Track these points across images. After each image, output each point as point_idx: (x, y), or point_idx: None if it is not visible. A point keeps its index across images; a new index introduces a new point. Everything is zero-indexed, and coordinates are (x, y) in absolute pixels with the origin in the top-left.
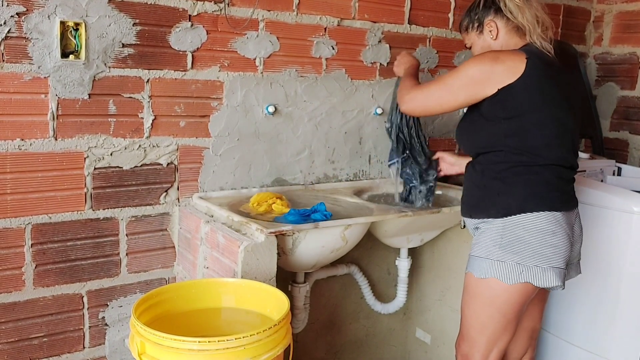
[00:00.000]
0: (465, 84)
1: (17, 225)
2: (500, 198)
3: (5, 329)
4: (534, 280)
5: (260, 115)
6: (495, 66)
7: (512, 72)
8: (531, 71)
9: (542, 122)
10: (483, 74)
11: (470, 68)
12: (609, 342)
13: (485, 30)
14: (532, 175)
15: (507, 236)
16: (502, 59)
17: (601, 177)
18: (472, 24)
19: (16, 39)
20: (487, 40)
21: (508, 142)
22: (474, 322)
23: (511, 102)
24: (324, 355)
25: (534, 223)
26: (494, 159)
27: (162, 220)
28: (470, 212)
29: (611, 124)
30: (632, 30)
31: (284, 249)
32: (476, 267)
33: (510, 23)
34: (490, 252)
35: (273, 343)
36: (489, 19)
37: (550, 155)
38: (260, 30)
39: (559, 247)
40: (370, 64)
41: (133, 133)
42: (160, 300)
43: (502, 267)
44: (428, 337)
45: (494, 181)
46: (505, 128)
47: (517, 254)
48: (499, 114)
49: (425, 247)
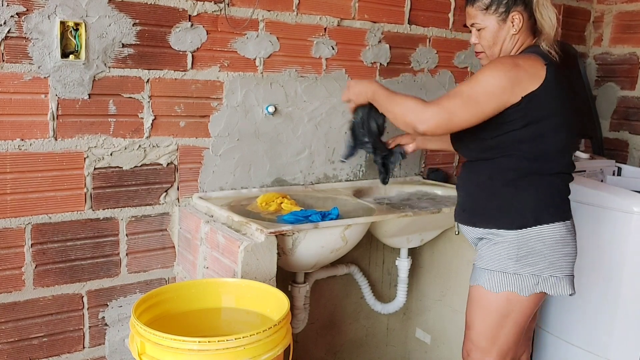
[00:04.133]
0: (492, 94)
1: (17, 225)
2: (513, 207)
3: (5, 329)
4: (549, 290)
5: (260, 116)
6: (519, 73)
7: (535, 79)
8: (551, 77)
9: (558, 127)
10: (508, 81)
11: (494, 76)
12: (609, 342)
13: (508, 20)
14: (544, 183)
15: (524, 249)
16: (522, 65)
17: (601, 177)
18: (496, 5)
19: (16, 39)
20: (504, 31)
21: (522, 147)
22: (487, 333)
23: (533, 110)
24: (324, 355)
25: (551, 234)
26: (505, 164)
27: (162, 220)
28: (473, 220)
29: (611, 124)
30: (632, 31)
31: (284, 249)
32: (488, 281)
33: (532, 21)
34: (505, 265)
35: (273, 343)
36: (518, 10)
37: (562, 162)
38: (260, 31)
39: (571, 255)
40: (370, 64)
41: (133, 133)
42: (160, 300)
43: (518, 280)
44: (428, 337)
45: (505, 188)
46: (521, 134)
47: (533, 266)
48: (517, 121)
49: (425, 247)
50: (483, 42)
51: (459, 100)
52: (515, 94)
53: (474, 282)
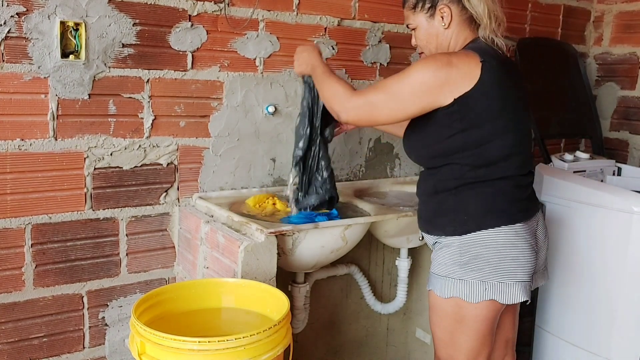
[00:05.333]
0: (416, 93)
1: (17, 225)
2: (455, 215)
3: (5, 329)
4: (498, 297)
5: (260, 115)
6: (450, 71)
7: (467, 79)
8: (487, 76)
9: (502, 130)
10: (437, 80)
11: (421, 73)
12: (609, 342)
13: (436, 15)
14: (488, 188)
15: (467, 254)
16: (456, 63)
17: (601, 177)
18: (421, 3)
19: (16, 39)
20: (435, 27)
21: (465, 156)
22: (448, 341)
23: (469, 113)
24: (324, 355)
25: (494, 239)
26: (448, 174)
27: (162, 221)
28: (426, 227)
29: (611, 124)
30: (632, 30)
31: (284, 249)
32: (438, 286)
33: (465, 12)
34: (450, 270)
35: (273, 343)
36: (444, 3)
37: (510, 167)
38: (260, 30)
39: (522, 260)
40: (371, 64)
41: (133, 133)
42: (160, 300)
43: (464, 286)
44: (428, 337)
45: (449, 197)
46: (462, 141)
47: (478, 271)
48: (455, 125)
49: (425, 247)
50: (419, 42)
51: (383, 94)
52: (444, 95)
53: (428, 287)
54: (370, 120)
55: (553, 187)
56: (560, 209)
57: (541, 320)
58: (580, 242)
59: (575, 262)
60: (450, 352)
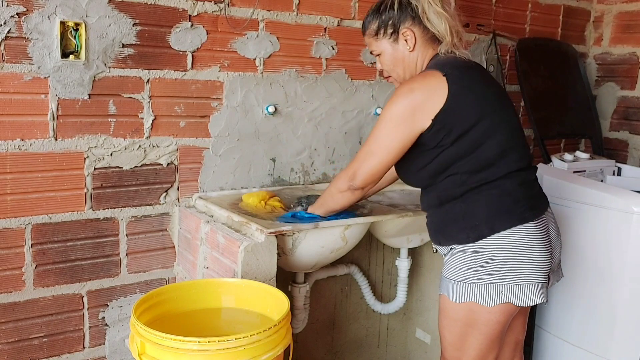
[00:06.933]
0: (391, 128)
1: (17, 225)
2: (465, 221)
3: (5, 329)
4: (514, 300)
5: (260, 116)
6: (415, 97)
7: (436, 96)
8: (455, 86)
9: (491, 129)
10: (405, 110)
11: (388, 111)
12: (609, 342)
13: (400, 39)
14: (493, 190)
15: (481, 258)
16: (417, 87)
17: (601, 177)
18: (383, 29)
19: (16, 39)
20: (401, 51)
21: (462, 164)
22: (455, 344)
23: (453, 126)
24: (324, 355)
25: (508, 241)
26: (450, 184)
27: (162, 221)
28: (438, 238)
29: (611, 124)
30: (632, 30)
31: (284, 249)
32: (451, 291)
33: (427, 32)
34: (464, 275)
35: (273, 343)
36: (406, 27)
37: (509, 163)
38: (260, 31)
39: (537, 260)
40: (371, 64)
41: (133, 133)
42: (160, 300)
43: (479, 290)
44: (428, 337)
45: (455, 204)
46: (455, 152)
47: (493, 274)
48: (444, 141)
49: (425, 247)
50: (385, 67)
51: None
52: (420, 120)
53: (440, 291)
54: (373, 172)
55: (553, 187)
56: (560, 209)
57: (541, 320)
58: (580, 242)
59: (575, 262)
60: (458, 354)
